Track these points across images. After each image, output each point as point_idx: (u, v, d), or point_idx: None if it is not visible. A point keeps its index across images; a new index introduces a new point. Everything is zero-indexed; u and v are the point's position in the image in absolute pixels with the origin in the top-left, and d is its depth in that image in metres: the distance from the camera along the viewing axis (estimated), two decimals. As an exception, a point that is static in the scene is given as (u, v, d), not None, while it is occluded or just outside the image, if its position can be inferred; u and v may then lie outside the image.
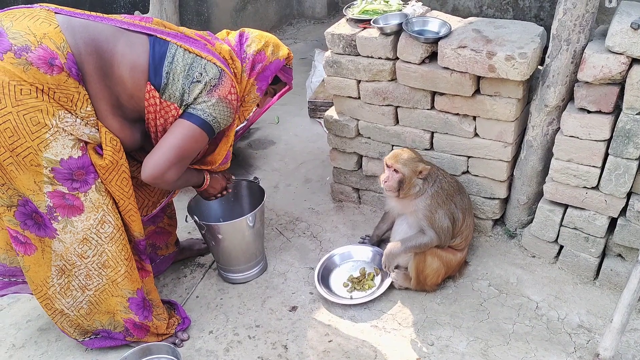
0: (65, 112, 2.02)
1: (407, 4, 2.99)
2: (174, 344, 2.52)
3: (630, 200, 2.47)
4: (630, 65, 2.23)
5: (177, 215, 2.91)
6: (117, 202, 2.25)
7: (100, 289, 2.32)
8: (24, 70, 1.90)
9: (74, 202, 2.13)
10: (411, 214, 2.63)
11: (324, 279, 2.82)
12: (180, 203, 3.31)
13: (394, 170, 2.53)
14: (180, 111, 2.17)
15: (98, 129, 2.12)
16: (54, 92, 1.97)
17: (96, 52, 2.04)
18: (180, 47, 2.15)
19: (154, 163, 2.14)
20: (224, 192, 2.62)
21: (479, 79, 2.61)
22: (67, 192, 2.11)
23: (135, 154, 2.42)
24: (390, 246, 2.64)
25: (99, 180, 2.16)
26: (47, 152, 2.01)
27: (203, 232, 2.74)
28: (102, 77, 2.06)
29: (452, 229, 2.61)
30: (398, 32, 2.72)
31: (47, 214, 2.13)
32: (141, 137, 2.29)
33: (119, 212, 2.27)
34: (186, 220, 2.83)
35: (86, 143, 2.11)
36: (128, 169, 2.24)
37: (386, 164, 2.57)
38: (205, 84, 2.15)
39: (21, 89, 1.92)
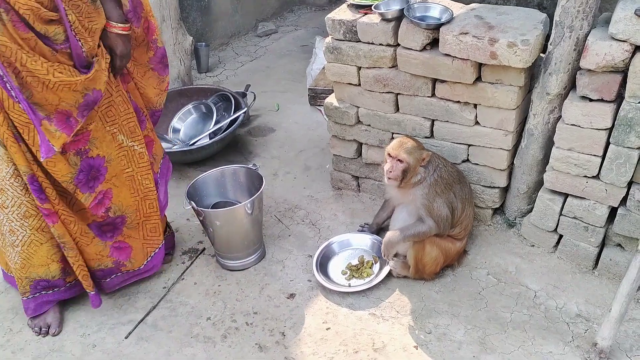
0: None
1: (409, -10, 2.96)
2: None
3: (631, 189, 2.45)
4: (634, 53, 2.20)
5: (174, 202, 2.88)
6: None
7: (27, 243, 2.31)
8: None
9: None
10: (410, 202, 2.62)
11: (323, 266, 2.81)
12: (179, 190, 3.32)
13: (398, 160, 2.50)
14: None
15: None
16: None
17: None
18: None
19: None
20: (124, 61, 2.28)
21: (480, 66, 2.58)
22: None
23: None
24: (389, 235, 2.63)
25: None
26: None
27: (201, 218, 2.73)
28: None
29: (451, 218, 2.60)
30: (399, 18, 2.69)
31: None
32: None
33: None
34: (184, 207, 2.82)
35: None
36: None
37: (389, 154, 2.53)
38: None
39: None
